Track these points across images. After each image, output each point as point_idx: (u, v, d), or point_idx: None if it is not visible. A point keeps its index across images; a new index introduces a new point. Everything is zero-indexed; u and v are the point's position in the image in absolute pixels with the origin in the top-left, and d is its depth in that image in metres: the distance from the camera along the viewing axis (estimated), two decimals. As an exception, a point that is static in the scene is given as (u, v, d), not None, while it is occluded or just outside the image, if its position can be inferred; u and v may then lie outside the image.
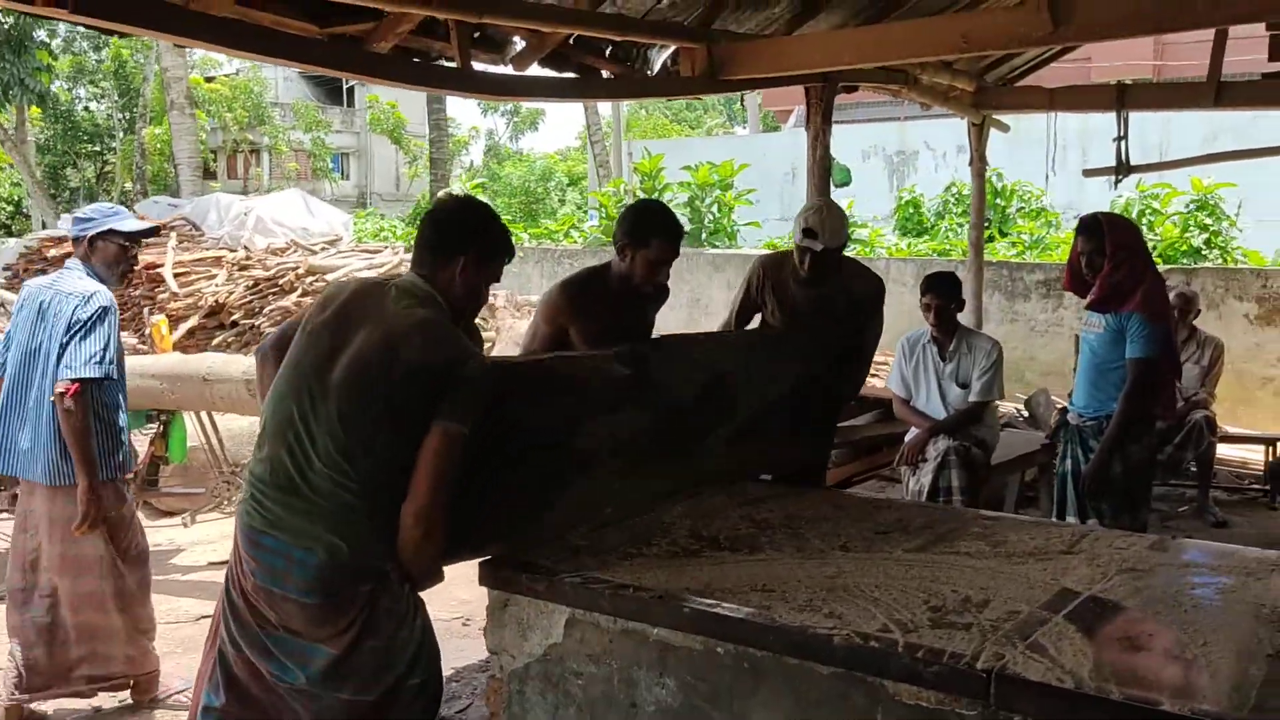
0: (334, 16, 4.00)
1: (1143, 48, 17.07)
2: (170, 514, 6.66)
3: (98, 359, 3.55)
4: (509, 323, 7.51)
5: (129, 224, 3.80)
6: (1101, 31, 4.11)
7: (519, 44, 4.63)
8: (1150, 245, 10.58)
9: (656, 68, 5.33)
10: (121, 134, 31.28)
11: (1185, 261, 9.77)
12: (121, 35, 3.52)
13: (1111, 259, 4.13)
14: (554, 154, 32.50)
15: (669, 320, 12.11)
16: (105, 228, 3.72)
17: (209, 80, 32.71)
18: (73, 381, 3.51)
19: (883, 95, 7.54)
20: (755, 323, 4.42)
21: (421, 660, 2.58)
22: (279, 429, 2.48)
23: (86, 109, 33.81)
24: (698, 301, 11.07)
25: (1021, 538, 2.96)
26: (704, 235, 13.52)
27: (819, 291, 4.13)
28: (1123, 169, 7.14)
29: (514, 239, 2.85)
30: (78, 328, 3.56)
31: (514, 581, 2.70)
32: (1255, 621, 2.35)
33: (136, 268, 4.76)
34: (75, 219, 3.93)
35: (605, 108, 23.06)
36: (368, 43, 4.02)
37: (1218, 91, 6.49)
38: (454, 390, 2.42)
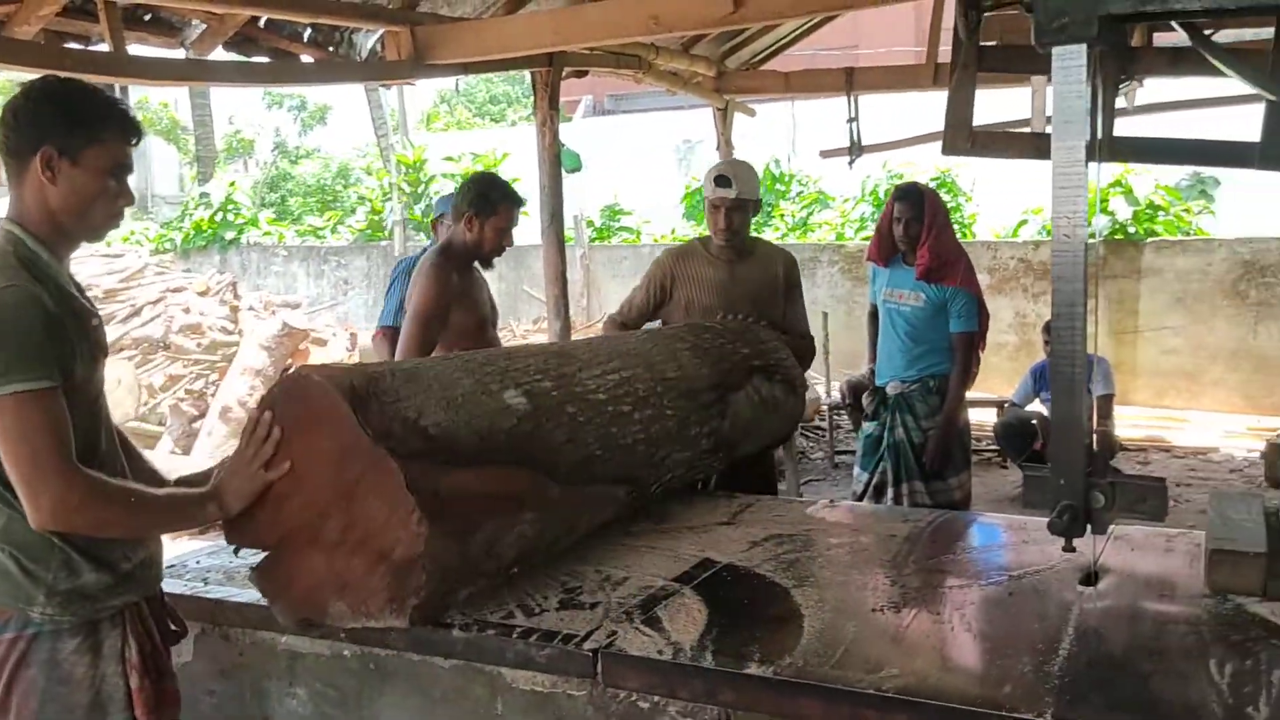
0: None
1: (905, 35, 17.87)
2: None
3: None
4: (251, 325, 7.13)
5: None
6: (775, 13, 4.29)
7: (199, 27, 4.36)
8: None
9: (365, 52, 5.14)
10: None
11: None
12: None
13: (930, 228, 4.28)
14: (353, 149, 31.35)
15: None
16: None
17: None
18: None
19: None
20: (656, 323, 3.97)
21: None
22: None
23: None
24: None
25: (685, 512, 2.98)
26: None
27: (736, 273, 3.86)
28: (855, 149, 7.44)
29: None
30: None
31: (141, 599, 2.51)
32: (875, 578, 2.42)
33: None
34: None
35: (393, 102, 22.48)
36: (9, 27, 3.68)
37: (935, 73, 6.82)
38: None
